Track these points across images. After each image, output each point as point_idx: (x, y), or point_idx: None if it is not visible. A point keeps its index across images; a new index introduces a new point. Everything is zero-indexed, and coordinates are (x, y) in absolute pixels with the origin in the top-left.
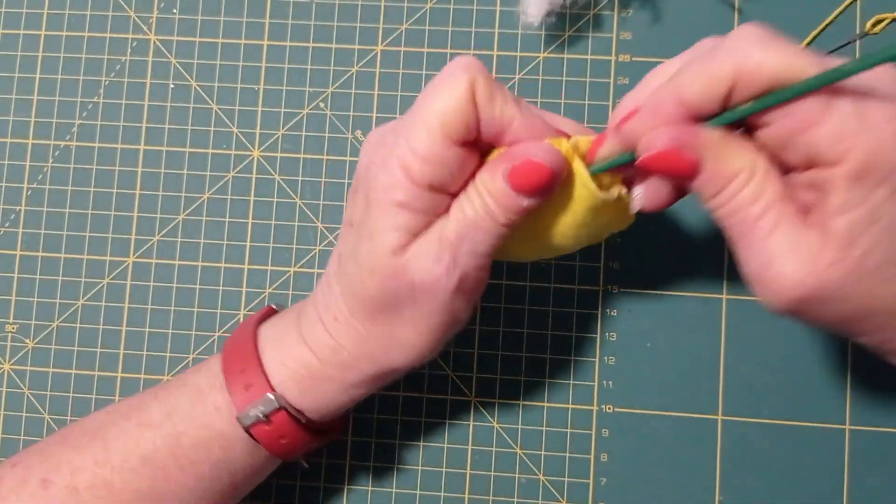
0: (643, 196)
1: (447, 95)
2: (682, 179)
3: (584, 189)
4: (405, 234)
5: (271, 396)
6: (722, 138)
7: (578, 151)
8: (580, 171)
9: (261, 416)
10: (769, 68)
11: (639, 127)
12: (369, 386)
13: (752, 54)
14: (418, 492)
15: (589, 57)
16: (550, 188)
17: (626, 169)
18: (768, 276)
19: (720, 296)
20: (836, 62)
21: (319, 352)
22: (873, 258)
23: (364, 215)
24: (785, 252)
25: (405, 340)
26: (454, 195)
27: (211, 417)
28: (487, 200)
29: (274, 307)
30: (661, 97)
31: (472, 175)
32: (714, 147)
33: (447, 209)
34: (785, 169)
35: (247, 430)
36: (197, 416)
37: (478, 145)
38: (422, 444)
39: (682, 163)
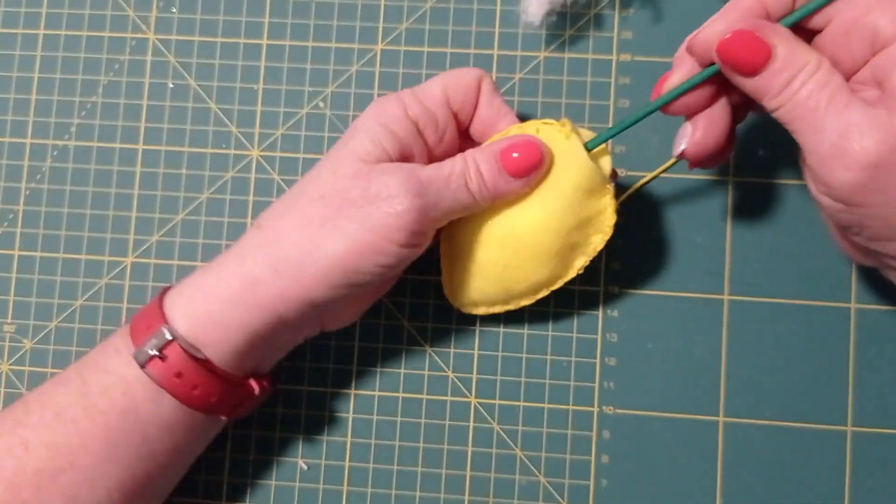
0: (695, 131)
1: (457, 73)
2: (753, 69)
3: (576, 159)
4: (377, 146)
5: (164, 329)
6: (791, 33)
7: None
8: (575, 143)
9: (154, 350)
10: None
11: (716, 28)
12: (265, 314)
13: None
14: (418, 493)
15: (590, 56)
16: (535, 169)
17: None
18: (843, 146)
19: (721, 297)
20: None
21: (221, 265)
22: None
23: (346, 136)
24: (859, 121)
25: (326, 253)
26: (428, 154)
27: (112, 361)
28: (470, 164)
29: None
30: (725, 12)
31: (448, 152)
32: (786, 37)
33: (418, 159)
34: (847, 74)
35: (142, 366)
36: (100, 363)
37: (465, 135)
38: (421, 445)
39: (758, 46)
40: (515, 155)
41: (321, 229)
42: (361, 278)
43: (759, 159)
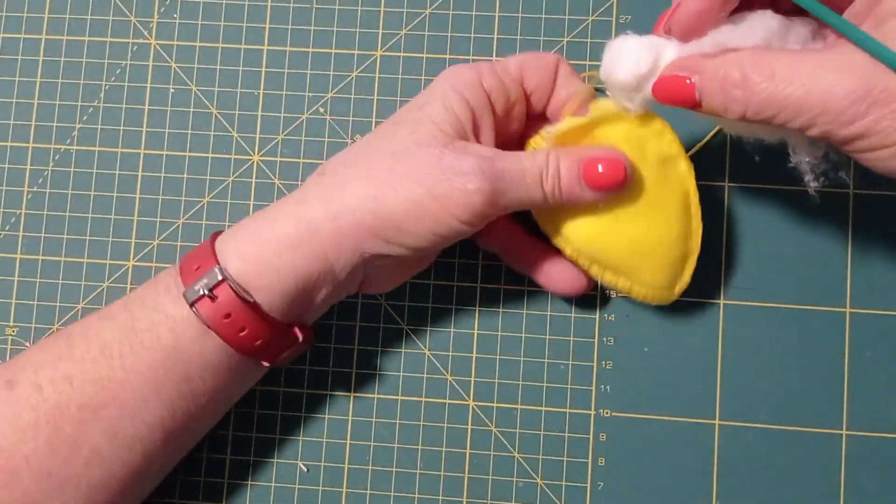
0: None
1: (536, 55)
2: (695, 103)
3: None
4: (450, 113)
5: (216, 269)
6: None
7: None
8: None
9: (204, 290)
10: None
11: (683, 12)
12: (317, 260)
13: None
14: (416, 495)
15: (587, 63)
16: (615, 188)
17: None
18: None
19: (718, 301)
20: None
21: (279, 209)
22: None
23: (420, 100)
24: (828, 64)
25: (389, 208)
26: (496, 126)
27: (161, 299)
28: (552, 164)
29: None
30: None
31: (515, 128)
32: (701, 63)
33: (485, 130)
34: (841, 8)
35: (191, 305)
36: (148, 300)
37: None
38: (420, 447)
39: (682, 88)
40: (600, 169)
41: (387, 185)
42: (414, 241)
43: (754, 164)
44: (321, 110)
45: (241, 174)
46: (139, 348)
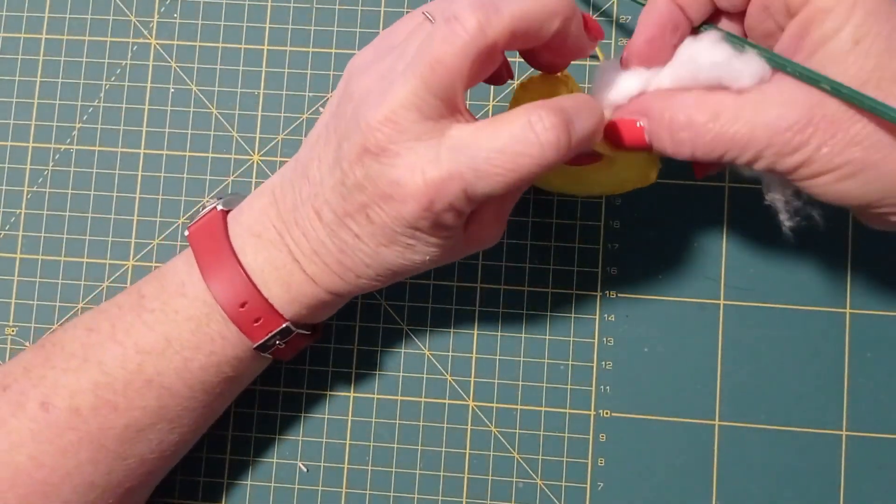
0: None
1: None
2: (643, 144)
3: None
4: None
5: (289, 326)
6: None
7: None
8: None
9: (279, 343)
10: None
11: (636, 42)
12: (343, 298)
13: None
14: (416, 495)
15: (588, 63)
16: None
17: None
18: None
19: (717, 301)
20: None
21: (332, 288)
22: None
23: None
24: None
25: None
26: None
27: (219, 345)
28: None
29: (217, 208)
30: (642, 22)
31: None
32: (648, 105)
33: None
34: (774, 36)
35: (264, 352)
36: (203, 346)
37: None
38: (420, 447)
39: (631, 131)
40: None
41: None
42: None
43: None
44: (321, 110)
45: (241, 174)
46: (195, 383)
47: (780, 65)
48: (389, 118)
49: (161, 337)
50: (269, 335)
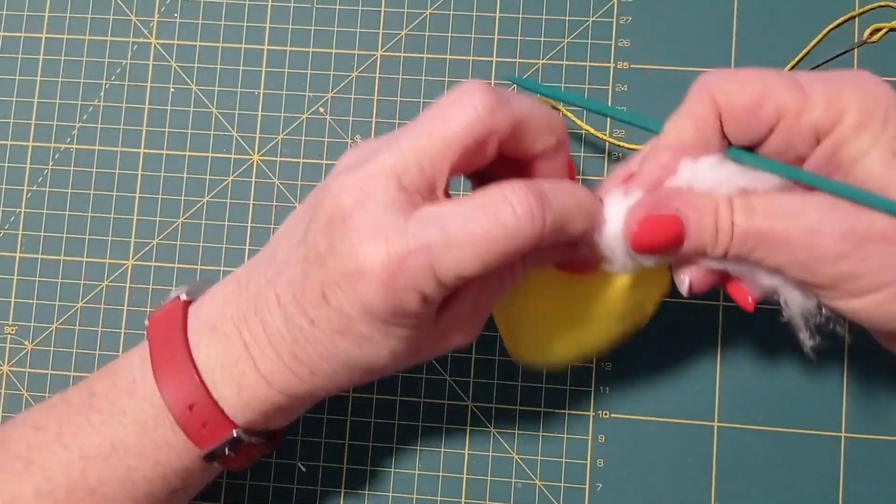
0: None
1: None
2: (678, 241)
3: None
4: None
5: (239, 434)
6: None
7: None
8: None
9: (227, 451)
10: (746, 92)
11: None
12: (307, 402)
13: (724, 84)
14: (415, 496)
15: (588, 64)
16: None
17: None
18: (815, 240)
19: (717, 302)
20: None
21: (286, 388)
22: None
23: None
24: (822, 217)
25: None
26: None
27: (164, 454)
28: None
29: (181, 297)
30: (655, 153)
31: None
32: (683, 195)
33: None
34: (801, 160)
35: (212, 461)
36: (148, 453)
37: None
38: (419, 448)
39: (668, 225)
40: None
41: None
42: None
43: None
44: (321, 110)
45: (241, 174)
46: (140, 494)
47: (821, 185)
48: (363, 180)
49: (106, 441)
50: (218, 443)
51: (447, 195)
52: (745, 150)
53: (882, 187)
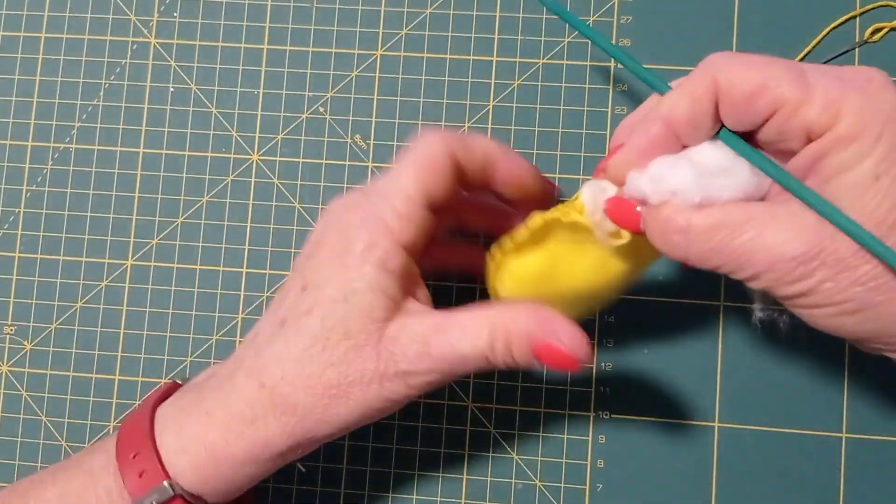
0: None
1: (424, 155)
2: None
3: (596, 244)
4: (387, 298)
5: (167, 485)
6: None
7: (576, 212)
8: (586, 225)
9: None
10: (748, 79)
11: (627, 158)
12: (280, 460)
13: (728, 67)
14: (415, 496)
15: (588, 63)
16: (570, 365)
17: None
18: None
19: (718, 302)
20: (804, 67)
21: (229, 426)
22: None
23: (332, 275)
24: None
25: (341, 420)
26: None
27: (102, 503)
28: (499, 345)
29: (178, 381)
30: (646, 123)
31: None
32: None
33: (414, 286)
34: (791, 154)
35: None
36: (89, 502)
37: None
38: (419, 449)
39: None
40: (553, 349)
41: (334, 399)
42: (373, 420)
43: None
44: (321, 110)
45: (241, 173)
46: None
47: (796, 191)
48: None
49: (57, 493)
50: (145, 493)
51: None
52: (736, 135)
53: (854, 208)
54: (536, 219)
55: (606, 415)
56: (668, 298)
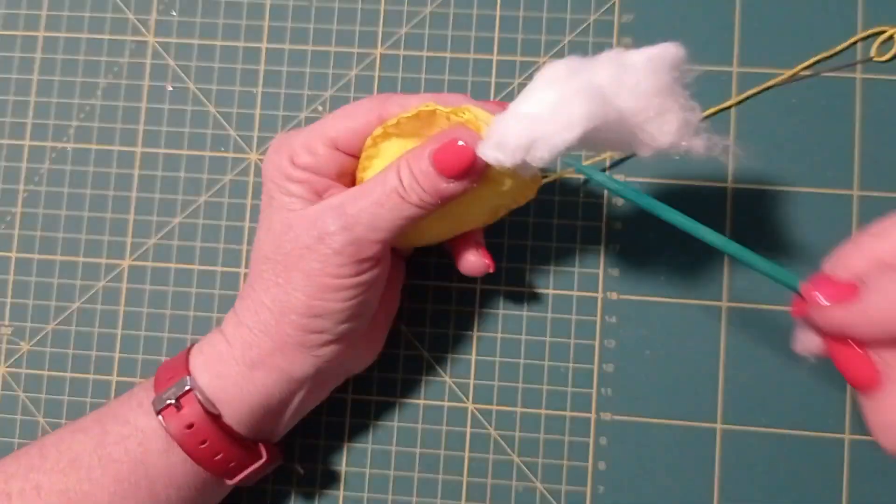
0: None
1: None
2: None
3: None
4: (294, 198)
5: (186, 379)
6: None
7: (480, 121)
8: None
9: (171, 399)
10: None
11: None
12: (274, 374)
13: None
14: (415, 498)
15: None
16: (473, 172)
17: None
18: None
19: (720, 303)
20: None
21: (230, 333)
22: None
23: (266, 191)
24: None
25: (293, 307)
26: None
27: (133, 413)
28: (404, 176)
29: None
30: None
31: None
32: None
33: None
34: None
35: (158, 413)
36: (121, 414)
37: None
38: (419, 450)
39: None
40: (446, 146)
41: (280, 288)
42: (338, 315)
43: (757, 167)
44: (320, 109)
45: (239, 173)
46: (107, 461)
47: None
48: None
49: (96, 415)
50: (167, 389)
51: None
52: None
53: None
54: (429, 104)
55: (608, 417)
56: (670, 299)
